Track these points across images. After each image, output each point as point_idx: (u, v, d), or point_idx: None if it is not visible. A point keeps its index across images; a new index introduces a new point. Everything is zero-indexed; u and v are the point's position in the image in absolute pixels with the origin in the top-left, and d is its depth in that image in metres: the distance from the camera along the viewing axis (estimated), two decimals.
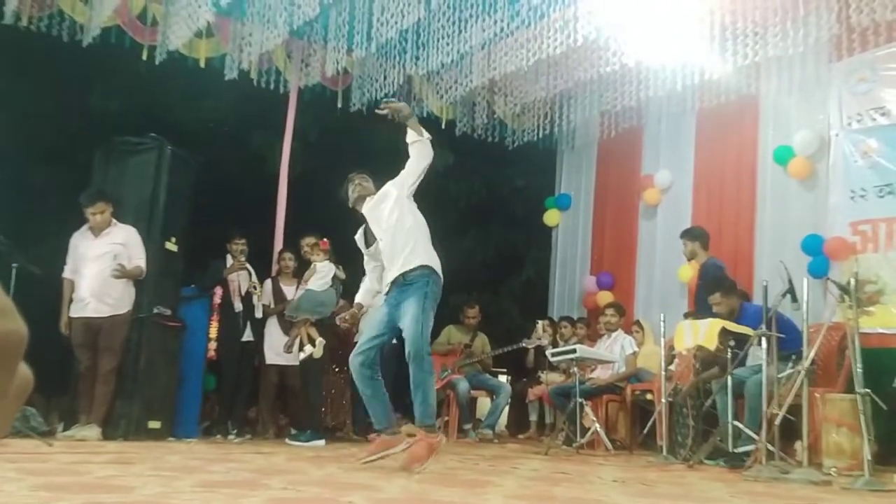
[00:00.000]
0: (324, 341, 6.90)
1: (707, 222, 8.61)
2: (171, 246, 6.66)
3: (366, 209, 4.78)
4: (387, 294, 4.62)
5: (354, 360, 4.54)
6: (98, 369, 6.12)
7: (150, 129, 6.90)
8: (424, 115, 9.37)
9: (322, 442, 6.77)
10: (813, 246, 7.37)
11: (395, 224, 4.57)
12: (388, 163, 4.95)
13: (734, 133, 8.52)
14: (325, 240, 7.17)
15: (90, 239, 6.34)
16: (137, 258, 6.34)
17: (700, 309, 6.66)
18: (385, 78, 8.63)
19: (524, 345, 8.83)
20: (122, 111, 9.10)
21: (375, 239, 4.72)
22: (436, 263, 4.56)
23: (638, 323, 8.54)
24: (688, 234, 7.32)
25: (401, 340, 4.53)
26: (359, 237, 4.89)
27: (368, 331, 4.65)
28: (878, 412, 5.06)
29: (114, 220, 6.37)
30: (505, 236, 12.17)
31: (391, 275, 4.56)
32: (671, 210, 9.06)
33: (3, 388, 0.35)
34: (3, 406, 0.35)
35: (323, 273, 7.11)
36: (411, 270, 4.48)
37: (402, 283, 4.50)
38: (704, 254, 7.14)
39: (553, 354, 7.52)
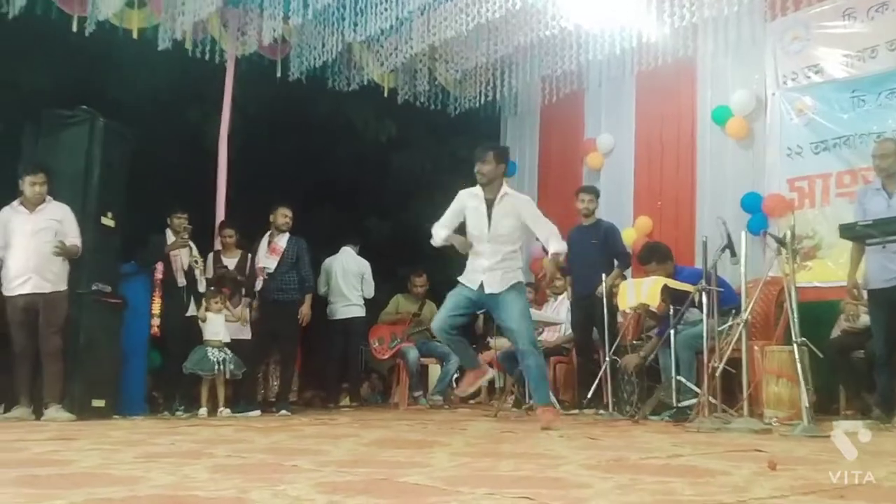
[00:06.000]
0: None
1: (649, 183, 8.73)
2: (107, 221, 6.47)
3: (486, 194, 5.60)
4: (471, 282, 5.47)
5: (438, 325, 5.44)
6: (45, 348, 5.93)
7: (82, 103, 6.67)
8: (365, 83, 9.26)
9: (258, 412, 6.93)
10: (752, 203, 7.51)
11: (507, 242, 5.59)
12: (327, 133, 4.88)
13: (673, 95, 8.59)
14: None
15: (24, 214, 6.11)
16: (73, 236, 6.16)
17: (594, 267, 6.91)
18: (324, 46, 8.48)
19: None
20: (53, 85, 8.80)
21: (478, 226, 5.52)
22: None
23: None
24: (593, 192, 7.50)
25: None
26: (467, 206, 5.74)
27: (454, 308, 5.44)
28: (816, 363, 5.20)
29: (48, 197, 6.18)
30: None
31: (484, 271, 5.47)
32: (614, 173, 9.11)
33: None
34: None
35: None
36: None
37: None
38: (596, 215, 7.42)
39: None
